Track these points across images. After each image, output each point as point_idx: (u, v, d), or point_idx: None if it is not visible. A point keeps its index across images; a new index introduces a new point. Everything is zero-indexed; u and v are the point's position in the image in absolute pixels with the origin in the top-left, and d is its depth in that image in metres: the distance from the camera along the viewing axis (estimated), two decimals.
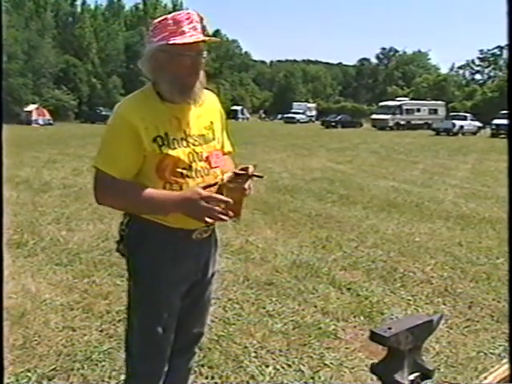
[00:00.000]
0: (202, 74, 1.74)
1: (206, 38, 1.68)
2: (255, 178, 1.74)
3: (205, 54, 1.72)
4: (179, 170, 1.71)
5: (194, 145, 1.75)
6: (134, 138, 1.67)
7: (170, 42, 1.63)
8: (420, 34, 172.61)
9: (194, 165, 1.74)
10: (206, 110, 1.83)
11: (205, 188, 1.67)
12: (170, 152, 1.69)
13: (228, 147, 1.98)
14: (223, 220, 1.68)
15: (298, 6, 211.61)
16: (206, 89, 1.84)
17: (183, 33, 1.63)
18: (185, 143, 1.73)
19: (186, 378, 2.10)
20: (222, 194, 1.69)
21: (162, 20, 1.68)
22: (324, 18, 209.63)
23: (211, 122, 1.83)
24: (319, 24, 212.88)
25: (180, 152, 1.71)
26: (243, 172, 1.73)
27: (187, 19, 1.65)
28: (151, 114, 1.70)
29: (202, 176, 1.75)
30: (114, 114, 1.73)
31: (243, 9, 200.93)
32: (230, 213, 1.70)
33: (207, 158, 1.77)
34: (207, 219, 1.65)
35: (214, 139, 1.82)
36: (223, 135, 1.93)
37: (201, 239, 1.82)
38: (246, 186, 1.71)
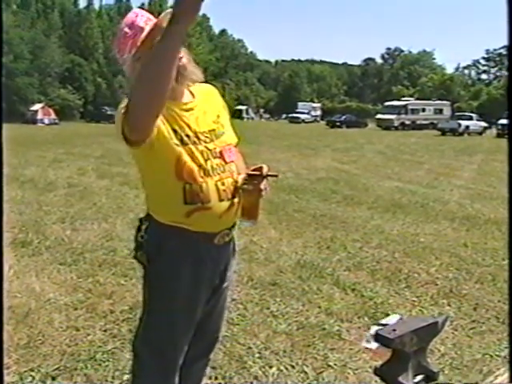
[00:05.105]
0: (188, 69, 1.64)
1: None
2: (270, 178, 1.68)
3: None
4: (196, 169, 1.63)
5: (205, 142, 1.67)
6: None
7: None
8: (425, 33, 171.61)
9: (209, 162, 1.65)
10: (211, 105, 1.77)
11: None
12: (185, 148, 1.61)
13: (234, 138, 1.88)
14: None
15: (303, 5, 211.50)
16: (207, 83, 1.79)
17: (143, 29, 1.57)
18: (196, 141, 1.65)
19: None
20: (237, 197, 1.63)
21: (116, 36, 1.61)
22: (329, 18, 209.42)
23: (218, 116, 1.77)
24: (324, 24, 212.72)
25: (193, 150, 1.63)
26: (257, 173, 1.67)
27: (136, 16, 1.59)
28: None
29: (218, 174, 1.67)
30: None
31: (249, 9, 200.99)
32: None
33: (221, 153, 1.69)
34: None
35: (224, 133, 1.75)
36: (230, 127, 1.85)
37: (222, 243, 1.75)
38: (262, 186, 1.64)
